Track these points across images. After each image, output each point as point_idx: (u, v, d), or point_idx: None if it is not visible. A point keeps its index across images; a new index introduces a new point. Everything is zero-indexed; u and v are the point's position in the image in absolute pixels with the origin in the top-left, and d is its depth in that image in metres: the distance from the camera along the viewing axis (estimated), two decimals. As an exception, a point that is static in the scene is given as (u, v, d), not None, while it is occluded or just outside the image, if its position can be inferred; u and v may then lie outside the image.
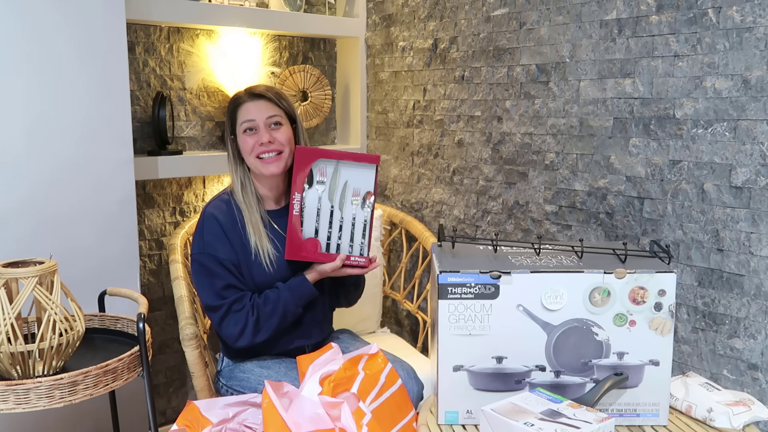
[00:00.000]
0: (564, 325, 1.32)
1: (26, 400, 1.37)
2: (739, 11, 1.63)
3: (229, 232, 1.75)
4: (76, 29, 1.83)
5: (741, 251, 1.67)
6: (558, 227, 2.08)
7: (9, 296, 1.43)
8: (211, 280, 1.73)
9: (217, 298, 1.72)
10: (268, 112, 1.78)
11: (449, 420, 1.37)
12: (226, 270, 1.73)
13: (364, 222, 1.75)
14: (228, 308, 1.71)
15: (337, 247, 1.75)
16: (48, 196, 1.82)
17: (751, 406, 1.36)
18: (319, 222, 1.74)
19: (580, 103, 1.98)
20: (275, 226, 1.81)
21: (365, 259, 1.76)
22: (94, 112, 1.88)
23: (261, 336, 1.73)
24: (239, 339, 1.72)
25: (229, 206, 1.79)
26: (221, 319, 1.72)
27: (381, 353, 1.62)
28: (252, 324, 1.71)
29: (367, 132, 2.80)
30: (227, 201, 1.80)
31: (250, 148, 1.76)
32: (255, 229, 1.76)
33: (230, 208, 1.78)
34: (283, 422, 1.43)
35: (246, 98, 1.79)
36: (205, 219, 1.77)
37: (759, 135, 1.62)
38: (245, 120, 1.77)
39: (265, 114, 1.77)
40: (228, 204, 1.79)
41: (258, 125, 1.76)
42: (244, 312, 1.71)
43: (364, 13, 2.73)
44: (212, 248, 1.73)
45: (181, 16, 2.20)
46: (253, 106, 1.78)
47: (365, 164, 1.73)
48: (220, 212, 1.77)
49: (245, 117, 1.77)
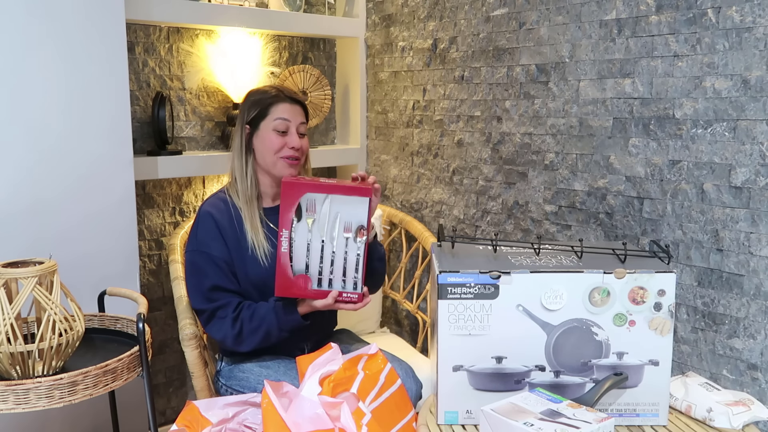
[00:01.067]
0: (564, 325, 1.32)
1: (26, 400, 1.37)
2: (739, 11, 1.63)
3: (225, 230, 1.77)
4: (76, 29, 1.82)
5: (740, 251, 1.67)
6: (558, 227, 2.08)
7: (9, 296, 1.43)
8: (199, 280, 1.74)
9: (204, 301, 1.73)
10: (301, 119, 1.82)
11: (449, 420, 1.37)
12: (217, 268, 1.74)
13: (357, 256, 1.67)
14: (212, 313, 1.73)
15: (329, 282, 1.68)
16: (47, 196, 1.82)
17: (750, 406, 1.36)
18: (309, 257, 1.66)
19: (579, 103, 1.98)
20: (270, 224, 1.83)
21: (357, 295, 1.68)
22: (94, 112, 1.88)
23: (243, 347, 1.74)
24: (222, 344, 1.77)
25: (225, 204, 1.81)
26: (206, 323, 1.75)
27: (380, 353, 1.62)
28: (233, 336, 1.71)
29: (367, 132, 2.80)
30: (224, 199, 1.82)
31: (278, 147, 1.77)
32: (252, 224, 1.78)
33: (227, 206, 1.80)
34: (283, 422, 1.43)
35: (284, 98, 1.80)
36: (201, 216, 1.79)
37: (758, 135, 1.62)
38: (280, 118, 1.78)
39: (299, 119, 1.81)
40: (225, 202, 1.81)
41: (290, 128, 1.79)
42: (227, 321, 1.71)
43: (364, 13, 2.73)
44: (205, 245, 1.75)
45: (180, 16, 2.20)
46: (290, 107, 1.80)
47: (357, 197, 1.63)
48: (217, 210, 1.79)
49: (281, 115, 1.78)
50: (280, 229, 1.64)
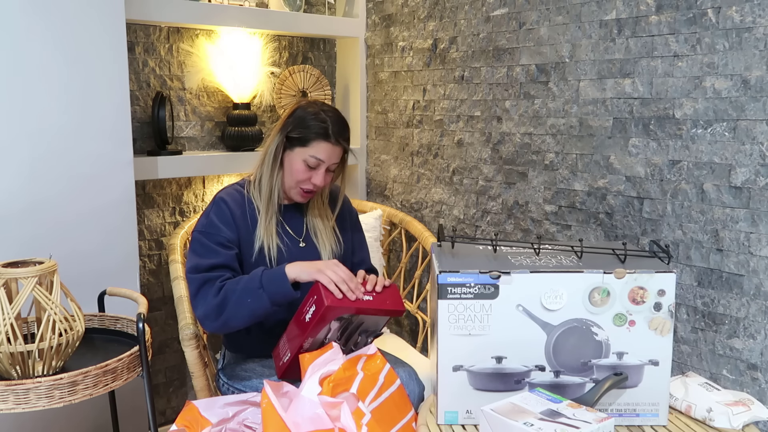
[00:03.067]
0: (563, 325, 1.32)
1: (26, 400, 1.37)
2: (739, 11, 1.63)
3: (238, 219, 1.76)
4: (76, 29, 1.83)
5: (740, 251, 1.67)
6: (557, 227, 2.08)
7: (9, 296, 1.43)
8: (201, 258, 1.69)
9: (197, 277, 1.66)
10: (336, 159, 1.79)
11: (449, 420, 1.37)
12: (224, 248, 1.70)
13: (366, 346, 1.69)
14: (200, 285, 1.66)
15: None
16: (47, 196, 1.82)
17: (750, 406, 1.36)
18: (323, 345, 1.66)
19: (579, 103, 1.98)
20: (286, 226, 1.83)
21: None
22: (94, 112, 1.88)
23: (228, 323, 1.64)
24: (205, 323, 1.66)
25: (242, 197, 1.81)
26: (193, 298, 1.67)
27: (379, 354, 1.62)
28: (214, 307, 1.63)
29: (367, 132, 2.80)
30: (241, 192, 1.82)
31: (302, 178, 1.76)
32: (267, 228, 1.77)
33: (243, 199, 1.80)
34: (283, 422, 1.43)
35: (331, 138, 1.75)
36: (216, 202, 1.79)
37: (758, 135, 1.62)
38: (315, 157, 1.75)
39: (334, 160, 1.78)
40: (242, 195, 1.81)
41: (321, 167, 1.76)
42: (211, 291, 1.64)
43: (364, 13, 2.73)
44: (215, 228, 1.73)
45: (180, 16, 2.20)
46: (331, 149, 1.76)
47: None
48: (233, 200, 1.79)
49: (317, 155, 1.75)
50: (307, 336, 1.59)
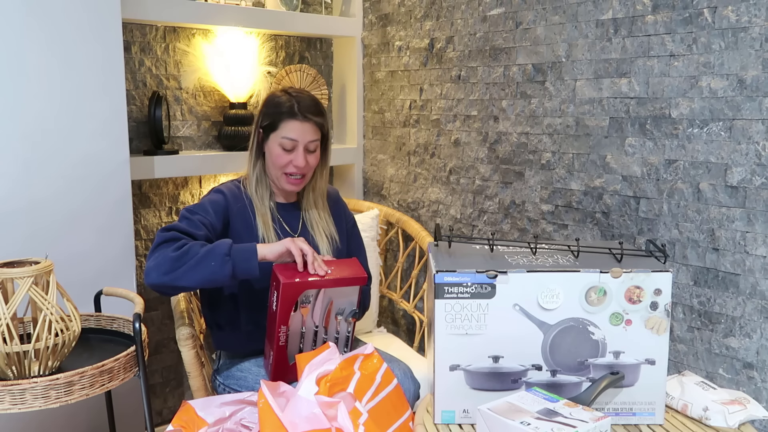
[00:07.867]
0: (560, 324, 1.32)
1: (22, 400, 1.36)
2: (735, 11, 1.63)
3: (233, 215, 1.77)
4: (72, 29, 1.82)
5: (736, 250, 1.67)
6: (554, 227, 2.08)
7: (4, 296, 1.42)
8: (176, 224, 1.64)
9: (165, 230, 1.60)
10: (311, 137, 1.77)
11: (446, 419, 1.37)
12: (205, 228, 1.66)
13: (347, 335, 1.72)
14: (163, 241, 1.58)
15: None
16: (43, 195, 1.81)
17: (746, 405, 1.37)
18: (303, 343, 1.68)
19: (576, 102, 1.99)
20: (282, 222, 1.84)
21: None
22: (90, 112, 1.88)
23: (178, 276, 1.54)
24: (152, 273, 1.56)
25: (240, 192, 1.82)
26: (152, 251, 1.59)
27: (376, 353, 1.62)
28: (171, 259, 1.54)
29: (364, 131, 2.80)
30: (239, 188, 1.84)
31: (283, 164, 1.77)
32: (264, 221, 1.79)
33: (241, 194, 1.82)
34: (280, 422, 1.42)
35: (298, 116, 1.75)
36: (212, 193, 1.80)
37: (754, 134, 1.62)
38: (287, 137, 1.75)
39: (308, 138, 1.76)
40: (240, 190, 1.83)
41: (297, 147, 1.76)
42: (171, 245, 1.56)
43: (361, 12, 2.73)
44: (204, 210, 1.71)
45: (177, 15, 2.19)
46: (300, 126, 1.75)
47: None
48: (231, 194, 1.80)
49: (288, 134, 1.75)
50: (278, 324, 1.61)
